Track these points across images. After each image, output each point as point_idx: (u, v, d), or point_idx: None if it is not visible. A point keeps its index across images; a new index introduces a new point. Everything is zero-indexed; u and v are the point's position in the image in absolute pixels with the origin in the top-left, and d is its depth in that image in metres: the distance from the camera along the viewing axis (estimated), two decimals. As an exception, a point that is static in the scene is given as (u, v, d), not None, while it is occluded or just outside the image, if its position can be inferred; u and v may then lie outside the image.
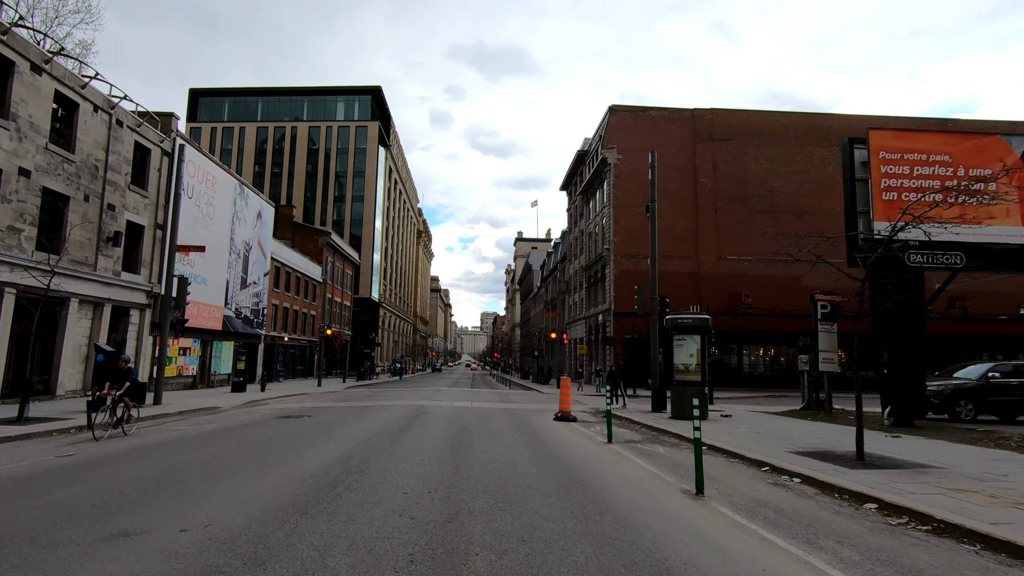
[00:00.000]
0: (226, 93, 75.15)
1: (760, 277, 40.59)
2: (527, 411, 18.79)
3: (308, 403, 20.95)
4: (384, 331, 78.10)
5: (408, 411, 17.27)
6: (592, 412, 19.16)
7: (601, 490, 6.78)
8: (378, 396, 25.58)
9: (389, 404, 20.29)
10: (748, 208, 41.10)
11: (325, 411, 17.30)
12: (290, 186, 70.86)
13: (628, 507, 5.96)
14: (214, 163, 28.34)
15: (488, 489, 6.62)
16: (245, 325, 32.19)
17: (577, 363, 51.65)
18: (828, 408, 16.39)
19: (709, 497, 6.48)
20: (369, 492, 6.32)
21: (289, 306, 40.53)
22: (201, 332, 27.49)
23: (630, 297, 40.97)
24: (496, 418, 15.81)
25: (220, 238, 28.68)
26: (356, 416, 15.64)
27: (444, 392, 29.64)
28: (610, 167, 40.95)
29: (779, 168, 41.62)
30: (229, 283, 29.96)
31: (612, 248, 40.11)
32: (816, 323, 16.22)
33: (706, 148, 41.42)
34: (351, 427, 12.90)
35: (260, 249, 34.14)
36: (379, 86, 74.08)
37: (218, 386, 28.67)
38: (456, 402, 21.84)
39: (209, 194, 27.47)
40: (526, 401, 24.24)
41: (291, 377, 41.63)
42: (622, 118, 41.72)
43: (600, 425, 14.67)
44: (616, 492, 6.72)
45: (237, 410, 18.22)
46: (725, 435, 11.77)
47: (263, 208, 34.70)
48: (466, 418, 15.40)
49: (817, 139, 42.09)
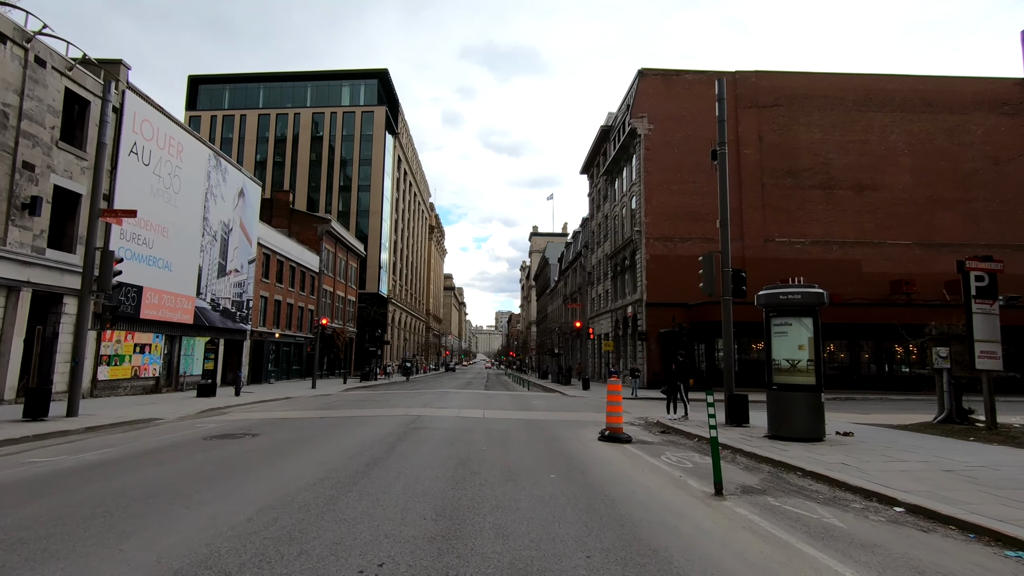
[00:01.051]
0: (226, 80, 71.52)
1: (815, 262, 35.45)
2: (557, 424, 14.16)
3: (277, 413, 16.56)
4: (394, 329, 73.97)
5: (397, 425, 12.75)
6: (643, 424, 14.48)
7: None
8: (372, 402, 21.16)
9: (377, 414, 15.80)
10: (799, 183, 36.01)
11: (286, 426, 12.85)
12: (293, 176, 67.00)
13: None
14: (182, 128, 24.14)
15: None
16: (225, 319, 28.01)
17: (602, 361, 46.89)
18: (991, 422, 11.49)
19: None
20: None
21: (282, 299, 36.35)
22: (166, 326, 23.30)
23: (666, 285, 36.12)
24: (517, 438, 11.22)
25: (188, 216, 24.49)
26: (320, 436, 11.15)
27: (452, 396, 25.13)
28: (640, 139, 36.12)
29: (834, 137, 36.43)
30: (203, 269, 25.77)
31: (643, 230, 35.29)
32: (969, 302, 11.33)
33: (750, 116, 36.36)
34: (293, 461, 8.38)
35: (243, 232, 29.95)
36: (386, 69, 69.89)
37: (189, 389, 24.50)
38: (464, 410, 17.29)
39: (173, 163, 23.27)
40: (551, 408, 19.62)
41: (285, 378, 37.47)
42: (653, 83, 36.82)
43: (670, 449, 9.99)
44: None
45: (183, 422, 13.91)
46: (903, 476, 7.05)
47: (247, 185, 30.50)
48: (474, 439, 10.82)
49: (878, 104, 36.81)
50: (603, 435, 11.14)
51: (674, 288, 34.70)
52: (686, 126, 36.26)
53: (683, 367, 14.89)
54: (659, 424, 14.16)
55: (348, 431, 11.75)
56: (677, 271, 34.87)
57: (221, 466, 7.78)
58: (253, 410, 17.62)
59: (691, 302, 33.62)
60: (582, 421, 14.97)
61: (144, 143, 21.24)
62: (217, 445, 9.72)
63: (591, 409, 19.36)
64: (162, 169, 22.41)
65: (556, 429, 12.93)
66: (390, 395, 25.34)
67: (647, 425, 14.58)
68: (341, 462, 7.96)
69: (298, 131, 68.07)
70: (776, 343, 10.80)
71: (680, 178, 35.75)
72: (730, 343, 14.00)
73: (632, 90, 38.16)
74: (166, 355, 23.79)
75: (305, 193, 66.22)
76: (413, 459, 8.30)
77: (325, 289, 45.69)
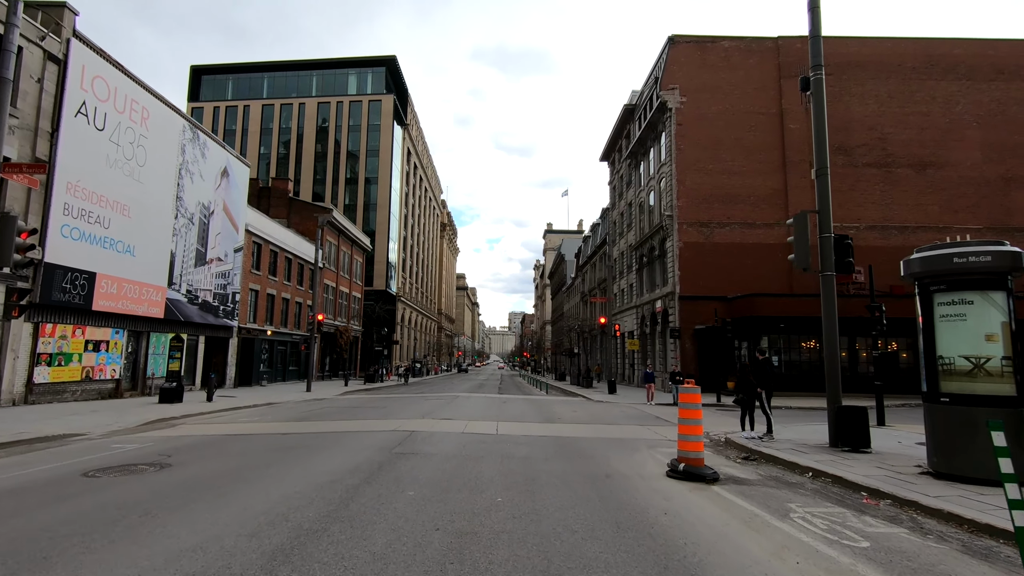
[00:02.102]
0: (230, 70, 68.86)
1: (871, 250, 31.28)
2: (597, 445, 10.51)
3: (238, 426, 13.15)
4: (404, 328, 70.75)
5: (378, 450, 9.21)
6: (709, 443, 10.78)
7: None
8: (364, 410, 17.71)
9: (361, 429, 12.30)
10: (852, 161, 31.94)
11: (227, 450, 9.39)
12: (298, 168, 64.08)
13: None
14: (149, 92, 20.92)
15: None
16: (205, 313, 24.77)
17: (626, 361, 43.08)
18: None
19: None
20: None
21: (276, 293, 33.14)
22: (129, 320, 20.07)
23: (701, 276, 32.14)
24: (548, 473, 7.60)
25: (157, 194, 21.26)
26: (257, 470, 7.65)
27: (461, 402, 21.58)
28: (671, 113, 32.31)
29: (891, 109, 32.29)
30: (176, 256, 22.54)
31: (675, 215, 31.47)
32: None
33: (796, 86, 32.27)
34: (143, 541, 4.85)
35: (228, 217, 26.71)
36: (394, 55, 66.69)
37: (157, 393, 21.24)
38: (473, 422, 13.70)
39: (136, 131, 20.05)
40: (581, 418, 15.97)
41: (280, 379, 34.23)
42: (685, 51, 32.99)
43: (788, 495, 6.28)
44: None
45: (108, 440, 10.56)
46: None
47: (232, 164, 27.26)
48: (484, 477, 7.23)
49: (941, 71, 32.60)
50: (675, 468, 7.49)
51: (710, 279, 30.86)
52: (723, 99, 32.41)
53: (763, 369, 11.14)
54: (733, 444, 10.48)
55: (304, 460, 8.23)
56: (714, 260, 31.04)
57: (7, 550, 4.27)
58: (214, 421, 14.24)
59: (730, 295, 29.77)
60: (628, 439, 11.32)
61: (97, 104, 18.01)
62: (75, 492, 6.25)
63: (629, 420, 15.70)
64: (121, 137, 19.17)
65: (600, 454, 9.29)
66: (390, 401, 21.88)
67: (715, 444, 10.89)
68: (233, 545, 4.41)
69: (303, 122, 65.17)
70: (945, 332, 7.07)
71: (717, 156, 31.89)
72: (834, 335, 10.23)
73: (661, 60, 34.36)
74: (130, 354, 20.57)
75: (311, 186, 63.28)
76: (372, 536, 4.72)
77: (327, 284, 42.49)
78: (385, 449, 9.22)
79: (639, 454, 9.40)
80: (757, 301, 28.25)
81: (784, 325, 27.82)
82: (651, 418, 16.27)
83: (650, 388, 23.15)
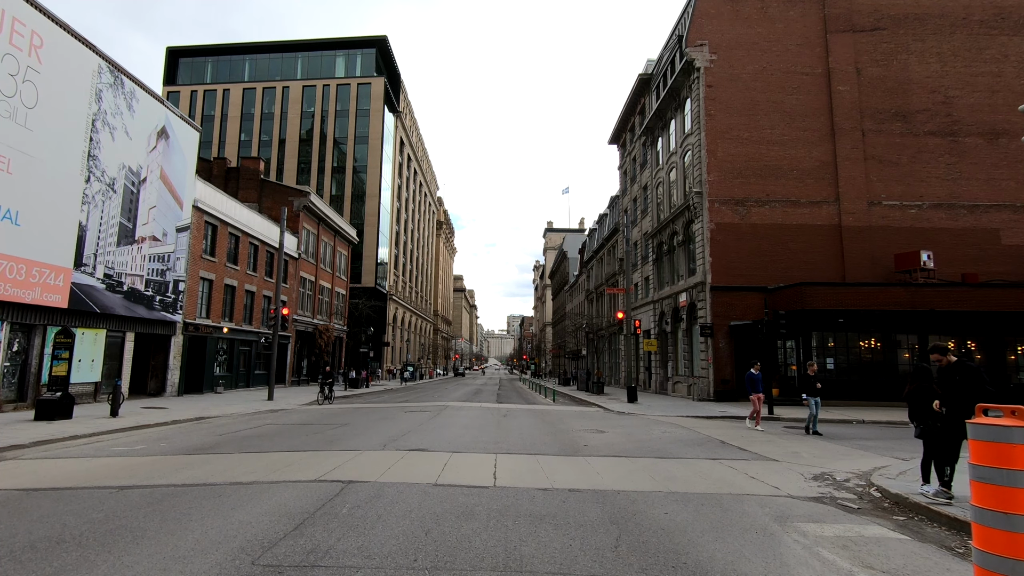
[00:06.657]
0: (209, 52, 64.19)
1: (937, 231, 26.60)
2: (682, 513, 5.66)
3: (93, 464, 8.39)
4: (396, 329, 65.87)
5: (230, 559, 4.38)
6: (831, 487, 5.94)
7: None
8: (308, 430, 12.90)
9: (258, 481, 7.51)
10: (911, 128, 27.27)
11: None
12: (281, 156, 59.32)
13: None
14: (45, 16, 16.14)
15: None
16: (133, 303, 19.93)
17: (640, 363, 38.29)
18: None
19: None
20: None
21: (238, 284, 28.28)
22: (11, 309, 15.25)
23: (737, 263, 26.81)
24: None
25: (55, 145, 16.43)
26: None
27: (449, 416, 16.76)
28: (698, 74, 27.60)
29: (957, 69, 27.64)
30: (88, 230, 17.71)
31: (705, 192, 26.72)
32: None
33: (844, 42, 27.66)
34: None
35: (168, 188, 21.89)
36: (384, 36, 61.96)
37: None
38: (455, 463, 8.87)
39: (24, 62, 15.26)
40: (620, 446, 11.15)
41: (243, 384, 29.33)
42: (715, 2, 28.30)
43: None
44: None
45: None
46: None
47: (173, 124, 22.43)
48: None
49: (1014, 24, 27.99)
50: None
51: (747, 267, 26.12)
52: (759, 56, 27.75)
53: (972, 379, 6.26)
54: (916, 509, 5.63)
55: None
56: (751, 244, 26.30)
57: None
58: (65, 454, 9.44)
59: (771, 285, 25.02)
60: (723, 496, 6.49)
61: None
62: None
63: (686, 447, 10.84)
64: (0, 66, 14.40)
65: (706, 544, 4.47)
66: (358, 415, 17.03)
67: (862, 499, 6.06)
68: None
69: (287, 107, 60.40)
70: None
71: (753, 123, 27.20)
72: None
73: (687, 13, 29.66)
74: (15, 354, 15.73)
75: (295, 175, 58.41)
76: None
77: (304, 277, 37.68)
78: (246, 553, 4.38)
79: (775, 541, 4.60)
80: (808, 291, 23.43)
81: (843, 320, 23.02)
82: (714, 444, 11.46)
83: (757, 401, 14.49)
